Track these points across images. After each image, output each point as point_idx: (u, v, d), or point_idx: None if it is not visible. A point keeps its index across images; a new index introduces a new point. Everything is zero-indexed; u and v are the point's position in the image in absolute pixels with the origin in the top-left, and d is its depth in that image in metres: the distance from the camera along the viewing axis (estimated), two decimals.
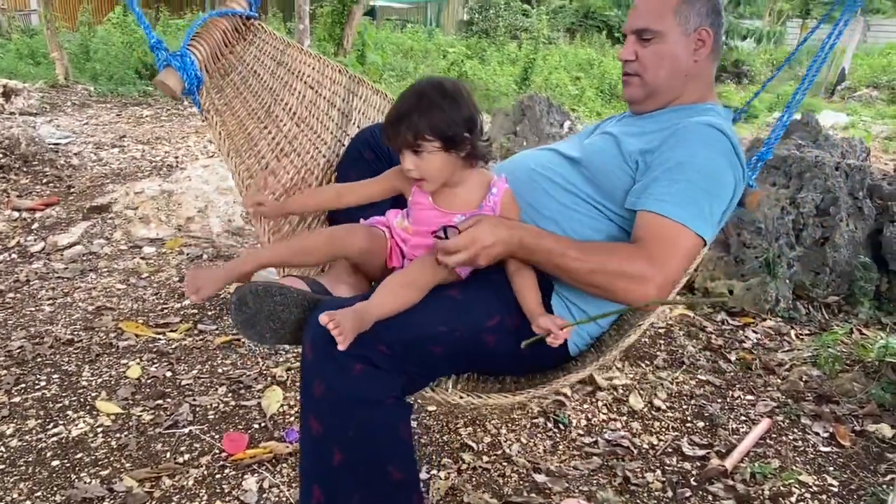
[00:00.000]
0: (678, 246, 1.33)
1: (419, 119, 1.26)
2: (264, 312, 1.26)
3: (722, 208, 1.40)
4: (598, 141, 1.54)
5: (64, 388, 2.23)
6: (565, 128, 6.08)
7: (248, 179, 1.59)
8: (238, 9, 1.75)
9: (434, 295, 1.30)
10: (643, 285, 1.29)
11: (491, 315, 1.33)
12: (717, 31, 1.50)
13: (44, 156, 4.94)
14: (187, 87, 1.52)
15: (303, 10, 6.44)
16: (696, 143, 1.38)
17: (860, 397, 2.37)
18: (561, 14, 21.06)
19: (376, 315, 1.21)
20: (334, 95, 1.93)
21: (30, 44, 10.34)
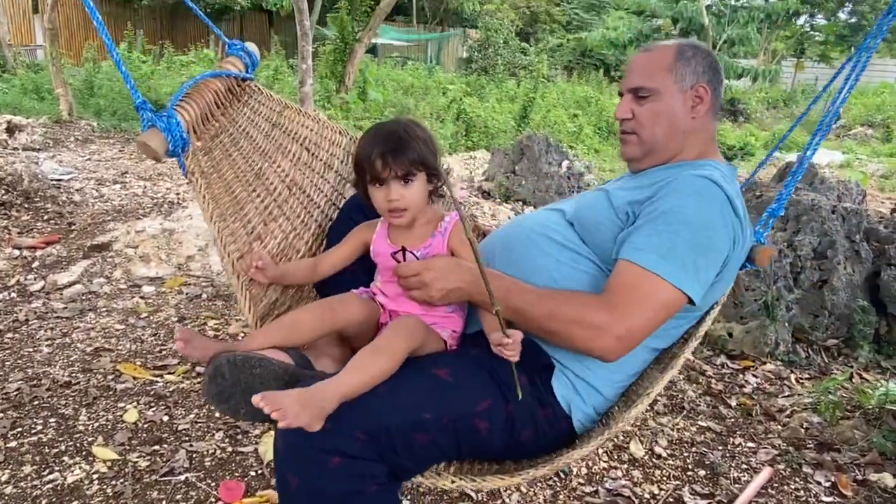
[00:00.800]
0: (647, 296, 1.23)
1: (412, 151, 1.32)
2: (241, 385, 1.18)
3: (713, 264, 1.31)
4: (590, 197, 1.53)
5: (60, 433, 2.21)
6: (563, 167, 6.13)
7: (231, 245, 1.52)
8: (233, 70, 1.71)
9: (420, 373, 1.22)
10: (601, 335, 1.21)
11: (482, 399, 1.24)
12: (714, 87, 1.49)
13: (46, 192, 4.97)
14: (171, 149, 1.45)
15: (305, 49, 6.54)
16: (686, 193, 1.32)
17: (861, 445, 2.36)
18: (559, 52, 21.43)
19: (338, 393, 1.11)
20: (332, 157, 1.88)
21: (35, 79, 10.48)
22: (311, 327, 1.33)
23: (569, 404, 1.33)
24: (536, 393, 1.31)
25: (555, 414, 1.32)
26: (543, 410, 1.31)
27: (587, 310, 1.23)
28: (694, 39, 1.52)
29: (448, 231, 1.40)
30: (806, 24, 23.56)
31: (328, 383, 1.12)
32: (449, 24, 23.05)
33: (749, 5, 15.03)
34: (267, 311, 1.54)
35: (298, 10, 6.50)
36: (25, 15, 16.80)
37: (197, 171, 1.52)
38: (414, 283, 1.33)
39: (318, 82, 10.78)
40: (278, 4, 17.16)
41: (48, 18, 8.66)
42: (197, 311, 3.25)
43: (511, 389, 1.24)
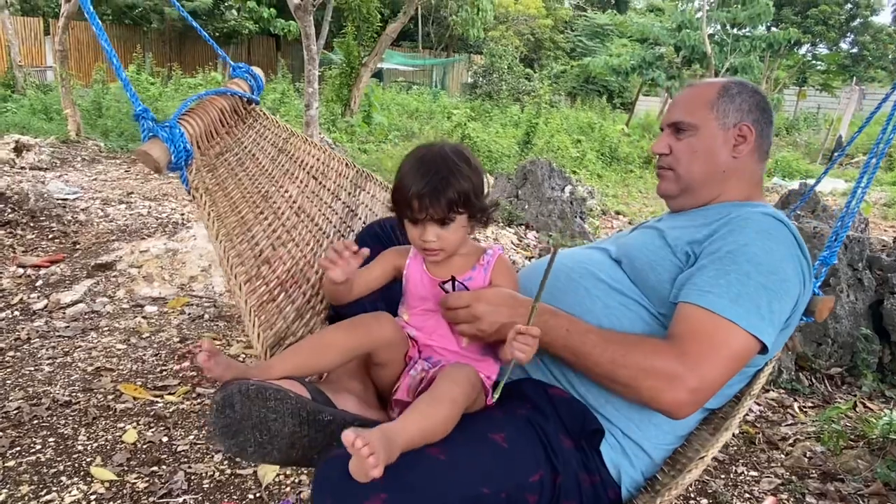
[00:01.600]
0: (720, 344, 1.12)
1: (454, 192, 1.19)
2: (252, 419, 1.04)
3: (785, 307, 1.20)
4: (638, 236, 1.41)
5: (59, 453, 2.20)
6: (566, 192, 6.16)
7: (238, 266, 1.43)
8: (239, 90, 1.67)
9: (477, 438, 1.11)
10: (672, 386, 1.09)
11: (535, 471, 1.13)
12: (761, 128, 1.40)
13: (51, 211, 5.01)
14: (174, 161, 1.37)
15: (312, 73, 6.62)
16: (753, 231, 1.21)
17: (865, 475, 2.34)
18: (562, 78, 21.65)
19: (404, 440, 1.00)
20: (339, 188, 1.83)
21: (44, 100, 10.61)
22: (341, 347, 1.19)
23: (618, 470, 1.23)
24: (582, 458, 1.20)
25: (602, 481, 1.20)
26: (590, 477, 1.19)
27: (657, 358, 1.12)
28: (744, 79, 1.54)
29: (491, 265, 1.30)
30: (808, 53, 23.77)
31: (395, 427, 1.00)
32: (454, 50, 23.33)
33: (751, 34, 15.15)
34: (276, 340, 1.45)
35: (305, 35, 6.59)
36: (37, 37, 17.07)
37: (201, 187, 1.45)
38: (463, 316, 1.21)
39: (323, 106, 10.89)
40: (285, 29, 17.41)
41: (59, 40, 8.79)
42: (199, 332, 3.25)
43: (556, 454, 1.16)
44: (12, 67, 12.87)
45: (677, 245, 1.28)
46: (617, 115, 18.32)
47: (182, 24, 18.12)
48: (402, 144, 10.00)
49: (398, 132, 11.19)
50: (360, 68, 11.34)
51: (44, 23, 17.04)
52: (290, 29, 17.00)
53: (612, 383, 1.17)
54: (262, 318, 1.41)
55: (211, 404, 1.05)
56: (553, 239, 5.37)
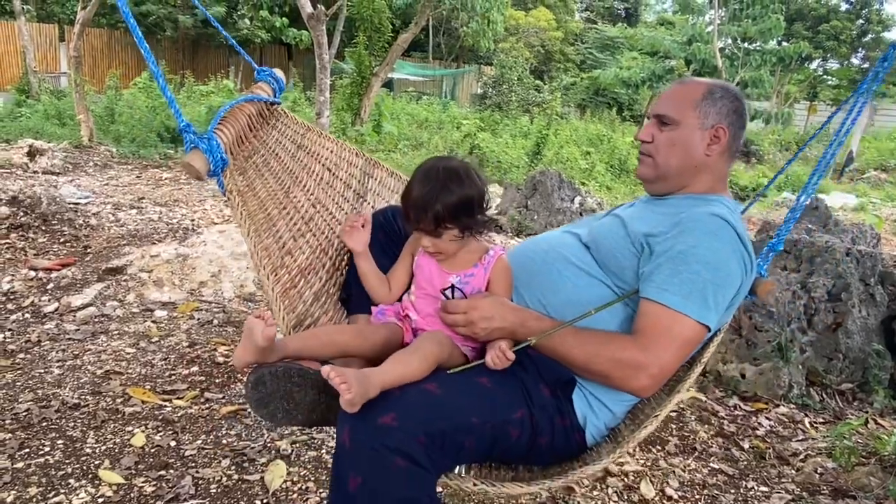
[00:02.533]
0: (677, 335, 1.35)
1: (441, 208, 1.37)
2: (280, 393, 1.29)
3: (728, 297, 1.42)
4: (606, 223, 1.60)
5: (67, 455, 2.21)
6: (576, 203, 6.15)
7: (265, 259, 1.61)
8: (263, 95, 1.84)
9: (465, 381, 1.33)
10: (638, 375, 1.33)
11: (518, 408, 1.36)
12: (734, 131, 1.56)
13: (63, 215, 5.04)
14: (213, 169, 1.54)
15: (324, 83, 6.66)
16: (701, 232, 1.40)
17: (877, 493, 2.31)
18: (572, 90, 21.68)
19: (380, 381, 1.21)
20: (350, 177, 1.99)
21: (57, 105, 10.72)
22: (342, 347, 1.43)
23: (584, 417, 1.44)
24: (557, 403, 1.42)
25: (571, 424, 1.42)
26: (562, 420, 1.41)
27: (624, 352, 1.34)
28: (729, 83, 1.69)
29: (490, 265, 1.48)
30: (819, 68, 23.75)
31: (373, 371, 1.21)
32: (464, 61, 23.43)
33: (762, 49, 15.16)
34: (298, 321, 1.62)
35: (318, 45, 6.64)
36: (52, 43, 17.27)
37: (234, 189, 1.62)
38: (460, 321, 1.40)
39: (334, 114, 10.95)
40: (297, 38, 17.55)
41: (73, 47, 8.89)
42: (208, 337, 3.26)
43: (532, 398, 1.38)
44: (27, 73, 13.01)
45: (635, 236, 1.47)
46: (626, 128, 18.32)
47: (195, 32, 18.28)
48: (411, 154, 10.03)
49: (408, 142, 11.22)
50: (370, 78, 11.41)
51: (59, 29, 17.24)
52: (303, 38, 17.14)
53: (588, 374, 1.40)
54: (285, 303, 1.60)
55: (245, 383, 1.30)
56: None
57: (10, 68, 16.09)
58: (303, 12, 6.44)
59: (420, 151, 10.36)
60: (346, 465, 1.18)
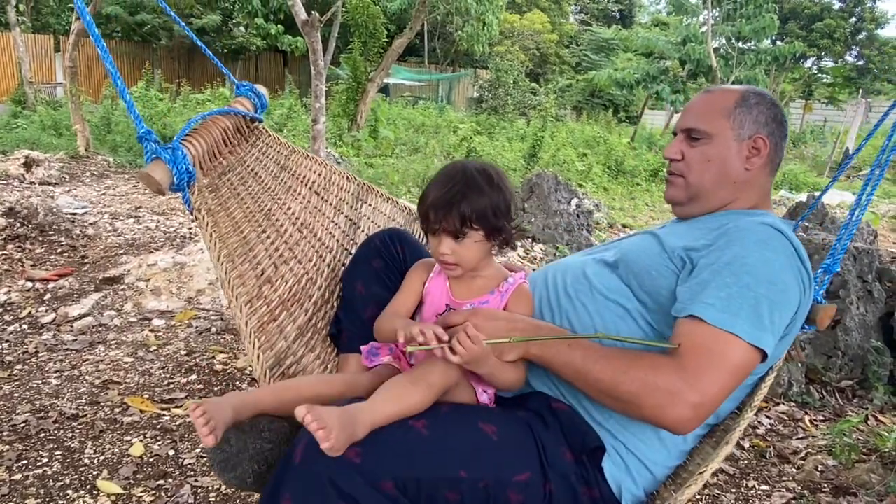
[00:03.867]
0: (722, 357, 1.10)
1: (467, 206, 1.21)
2: (248, 452, 1.09)
3: (785, 316, 1.19)
4: (636, 240, 1.42)
5: (66, 466, 2.20)
6: (573, 205, 6.16)
7: (239, 287, 1.43)
8: (242, 109, 1.67)
9: (465, 424, 1.13)
10: (674, 403, 1.08)
11: (522, 469, 1.12)
12: (776, 141, 1.39)
13: (60, 225, 5.03)
14: (176, 183, 1.38)
15: (319, 89, 6.66)
16: (751, 242, 1.20)
17: (878, 490, 2.30)
18: (568, 92, 21.74)
19: (371, 418, 1.03)
20: (342, 202, 1.84)
21: (54, 115, 10.72)
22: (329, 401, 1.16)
23: (619, 486, 1.21)
24: (581, 472, 1.19)
25: (601, 496, 1.19)
26: (588, 490, 1.18)
27: (658, 374, 1.10)
28: (762, 89, 1.46)
29: (509, 293, 1.31)
30: (813, 66, 23.81)
31: (362, 408, 1.03)
32: (460, 65, 23.47)
33: (756, 48, 15.18)
34: (276, 360, 1.46)
35: (313, 51, 6.65)
36: (47, 54, 17.29)
37: (203, 208, 1.45)
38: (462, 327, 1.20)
39: (330, 120, 10.96)
40: (293, 45, 17.57)
41: (69, 57, 8.90)
42: (206, 345, 3.25)
43: (549, 460, 1.16)
44: (23, 84, 13.02)
45: (674, 251, 1.27)
46: (623, 129, 18.35)
47: (190, 40, 18.27)
48: (408, 158, 10.04)
49: (404, 146, 11.23)
50: (366, 83, 11.42)
51: (54, 40, 17.27)
52: (298, 45, 17.16)
53: (614, 401, 1.16)
54: (262, 339, 1.43)
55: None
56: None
57: (5, 79, 16.12)
58: (297, 19, 6.45)
59: (417, 156, 10.36)
60: (286, 483, 1.01)
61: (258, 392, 1.19)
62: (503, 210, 1.25)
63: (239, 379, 2.90)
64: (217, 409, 1.06)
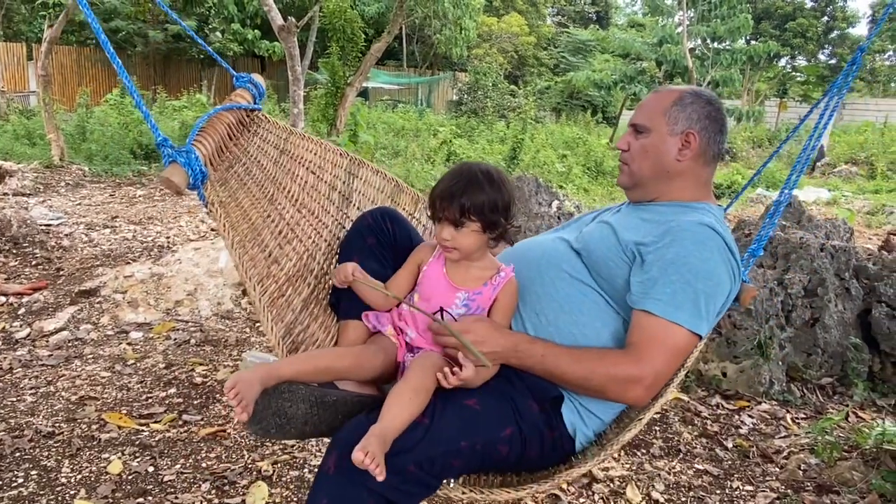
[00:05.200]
0: (670, 346, 1.37)
1: (468, 200, 1.39)
2: (271, 409, 1.29)
3: (717, 305, 1.44)
4: (595, 230, 1.59)
5: (42, 486, 2.15)
6: (553, 207, 6.17)
7: (252, 269, 1.60)
8: (243, 103, 1.80)
9: (452, 404, 1.34)
10: (633, 387, 1.36)
11: (506, 426, 1.37)
12: (708, 136, 1.57)
13: (35, 237, 4.95)
14: (192, 183, 1.52)
15: (297, 94, 6.62)
16: (690, 242, 1.42)
17: (860, 487, 2.32)
18: (547, 94, 21.81)
19: (394, 433, 1.24)
20: (335, 179, 1.97)
21: (27, 125, 10.53)
22: (340, 373, 1.45)
23: (574, 427, 1.46)
24: (546, 418, 1.43)
25: (560, 436, 1.45)
26: (551, 432, 1.44)
27: (618, 367, 1.36)
28: (703, 89, 1.69)
29: (500, 286, 1.48)
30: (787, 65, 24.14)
31: (384, 427, 1.22)
32: (438, 68, 23.46)
33: (731, 48, 15.33)
34: (286, 331, 1.62)
35: (290, 56, 6.61)
36: (19, 62, 17.02)
37: (216, 201, 1.60)
38: (451, 343, 1.40)
39: (309, 125, 10.89)
40: (270, 50, 17.45)
41: (42, 65, 8.75)
42: (185, 357, 3.20)
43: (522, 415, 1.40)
44: None
45: (627, 245, 1.47)
46: (602, 130, 18.46)
47: (166, 47, 18.11)
48: (388, 162, 10.01)
49: (385, 150, 11.19)
50: (345, 88, 11.37)
51: (27, 48, 17.00)
52: (276, 50, 17.04)
53: (584, 391, 1.43)
54: (273, 313, 1.59)
55: None
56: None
57: None
58: (273, 25, 6.41)
59: (397, 160, 10.34)
60: (323, 492, 1.22)
61: (280, 364, 1.38)
62: (500, 207, 1.42)
63: (219, 391, 2.86)
64: (247, 386, 1.26)
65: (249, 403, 1.26)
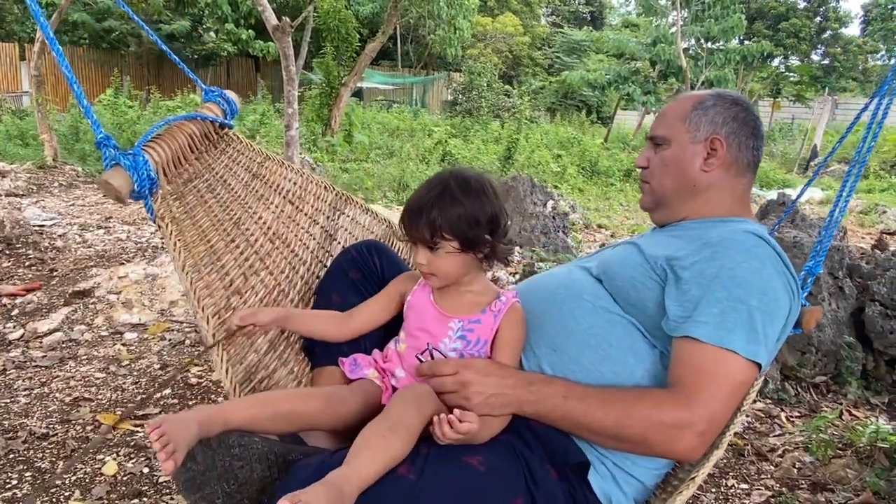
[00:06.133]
0: (723, 379, 1.10)
1: (439, 215, 1.15)
2: (217, 470, 1.00)
3: (778, 325, 1.18)
4: (619, 251, 1.39)
5: (36, 488, 2.14)
6: (548, 207, 6.18)
7: (206, 299, 1.38)
8: (210, 115, 1.62)
9: (451, 462, 1.06)
10: (683, 435, 1.07)
11: (513, 496, 1.08)
12: (738, 141, 1.36)
13: (28, 238, 4.92)
14: (137, 190, 1.34)
15: (291, 94, 6.61)
16: (737, 252, 1.18)
17: (855, 485, 2.33)
18: (541, 94, 21.85)
19: (359, 484, 0.96)
20: (317, 212, 1.79)
21: (20, 125, 10.49)
22: (306, 420, 1.16)
23: (609, 498, 1.18)
24: (569, 489, 1.15)
25: None
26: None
27: (663, 411, 1.08)
28: (728, 90, 1.45)
29: (503, 313, 1.23)
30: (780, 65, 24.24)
31: (345, 474, 0.96)
32: (433, 68, 23.47)
33: (725, 48, 15.40)
34: (246, 375, 1.39)
35: (284, 56, 6.60)
36: (12, 62, 16.93)
37: (167, 216, 1.41)
38: (450, 385, 1.15)
39: (304, 126, 10.88)
40: (264, 50, 17.42)
41: (34, 66, 8.71)
42: (180, 358, 3.20)
43: (537, 483, 1.12)
44: None
45: (655, 260, 1.25)
46: (596, 130, 18.50)
47: (159, 47, 18.05)
48: (383, 163, 10.01)
49: (379, 151, 11.19)
50: (339, 88, 11.37)
51: (19, 48, 16.91)
52: (270, 50, 17.01)
53: (619, 443, 1.14)
54: (231, 351, 1.37)
55: None
56: None
57: None
58: (268, 24, 6.39)
59: (392, 160, 10.33)
60: None
61: (227, 406, 1.10)
62: (482, 221, 1.18)
63: (215, 392, 2.85)
64: (178, 429, 0.98)
65: (180, 450, 0.96)
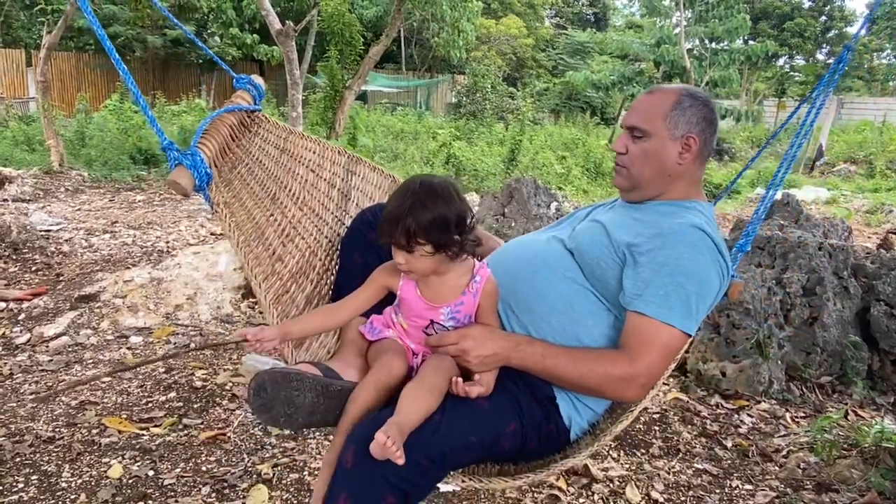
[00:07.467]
0: (663, 346, 1.43)
1: (412, 222, 1.34)
2: (280, 398, 1.32)
3: (707, 305, 1.49)
4: (588, 229, 1.62)
5: (42, 491, 2.15)
6: (552, 208, 6.17)
7: (257, 268, 1.65)
8: (244, 104, 1.86)
9: (463, 403, 1.38)
10: (629, 386, 1.42)
11: (510, 422, 1.42)
12: (705, 138, 1.59)
13: (34, 243, 4.95)
14: (198, 185, 1.56)
15: (295, 98, 6.64)
16: (682, 244, 1.46)
17: (860, 485, 2.33)
18: (545, 96, 21.82)
19: (410, 426, 1.28)
20: (334, 176, 2.01)
21: (26, 131, 10.54)
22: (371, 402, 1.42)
23: (570, 419, 1.52)
24: (544, 412, 1.48)
25: (557, 428, 1.50)
26: (548, 425, 1.49)
27: (615, 367, 1.42)
28: (697, 89, 1.71)
29: (479, 289, 1.46)
30: (785, 65, 24.17)
31: (400, 420, 1.27)
32: (437, 71, 23.47)
33: (729, 48, 15.35)
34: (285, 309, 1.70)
35: (288, 60, 6.63)
36: (18, 68, 17.04)
37: (221, 202, 1.64)
38: (454, 352, 1.43)
39: (308, 129, 10.91)
40: (269, 54, 17.47)
41: (40, 71, 8.77)
42: (185, 361, 3.21)
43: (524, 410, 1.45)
44: None
45: (618, 246, 1.51)
46: (600, 131, 18.47)
47: (164, 52, 18.12)
48: (387, 165, 10.01)
49: (384, 153, 11.21)
50: (344, 91, 11.40)
51: (25, 54, 17.01)
52: (274, 54, 17.05)
53: (582, 390, 1.48)
54: (279, 309, 1.64)
55: (248, 389, 1.34)
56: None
57: None
58: (272, 29, 6.42)
59: (396, 163, 10.35)
60: (342, 485, 1.26)
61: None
62: (451, 223, 1.37)
63: (219, 395, 2.86)
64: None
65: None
